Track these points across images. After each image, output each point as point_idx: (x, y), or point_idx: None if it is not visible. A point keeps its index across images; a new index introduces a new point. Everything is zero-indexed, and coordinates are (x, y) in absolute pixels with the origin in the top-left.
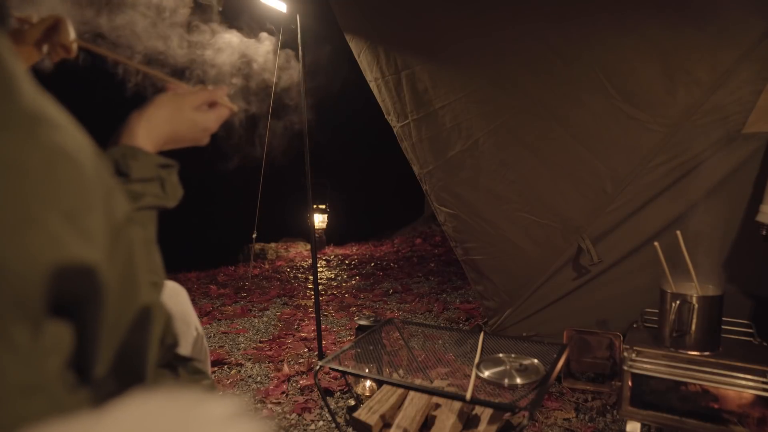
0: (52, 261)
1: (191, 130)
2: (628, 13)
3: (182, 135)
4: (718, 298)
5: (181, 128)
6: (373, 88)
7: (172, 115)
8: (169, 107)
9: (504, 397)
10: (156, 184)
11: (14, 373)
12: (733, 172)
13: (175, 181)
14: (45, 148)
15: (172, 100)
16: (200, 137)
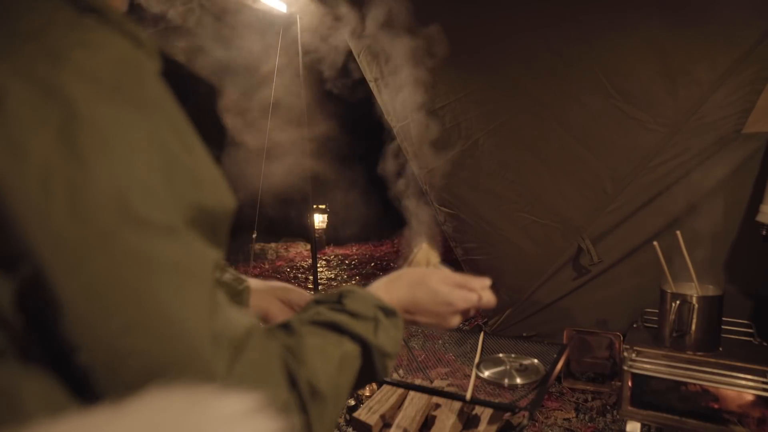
0: (232, 206)
1: (433, 301)
2: (628, 13)
3: (423, 305)
4: (718, 298)
5: (422, 297)
6: (373, 88)
7: (415, 281)
8: (415, 274)
9: (504, 397)
10: (370, 323)
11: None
12: (733, 172)
13: (393, 333)
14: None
15: (421, 270)
16: (443, 312)
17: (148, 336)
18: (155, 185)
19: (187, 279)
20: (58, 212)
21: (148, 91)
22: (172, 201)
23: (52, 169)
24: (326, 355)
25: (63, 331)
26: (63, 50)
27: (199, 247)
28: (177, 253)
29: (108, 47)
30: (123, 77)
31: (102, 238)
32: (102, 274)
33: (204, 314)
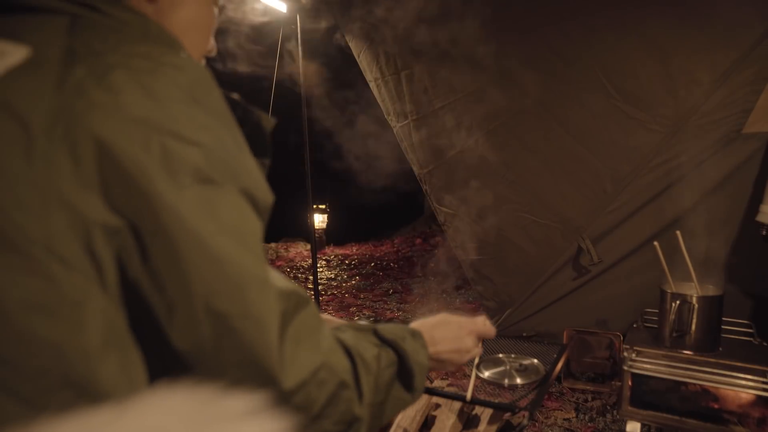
0: (271, 202)
1: (446, 328)
2: (629, 13)
3: (441, 332)
4: (718, 298)
5: (439, 327)
6: (373, 88)
7: (451, 333)
8: (452, 326)
9: (504, 397)
10: (399, 336)
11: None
12: (733, 172)
13: (420, 348)
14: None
15: (455, 321)
16: (458, 359)
17: (222, 273)
18: (218, 163)
19: (250, 233)
20: (157, 171)
21: (214, 103)
22: (229, 178)
23: (151, 138)
24: (366, 344)
25: (153, 270)
26: (161, 67)
27: (253, 215)
28: (239, 210)
29: (190, 69)
30: (198, 91)
31: (186, 189)
32: (186, 215)
33: (266, 266)
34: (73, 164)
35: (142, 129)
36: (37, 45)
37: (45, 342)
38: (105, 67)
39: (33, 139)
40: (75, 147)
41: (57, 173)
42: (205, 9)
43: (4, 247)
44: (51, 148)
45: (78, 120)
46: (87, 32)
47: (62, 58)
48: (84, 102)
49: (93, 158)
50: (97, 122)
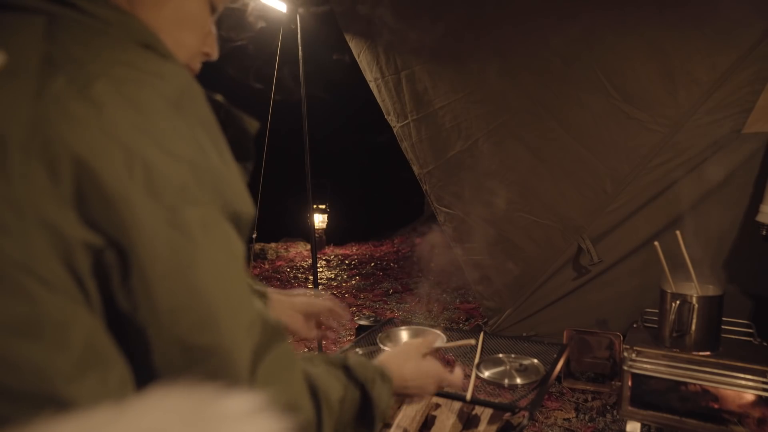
0: (252, 214)
1: (417, 377)
2: (628, 13)
3: (409, 383)
4: (718, 298)
5: (410, 369)
6: (373, 88)
7: (420, 376)
8: (404, 351)
9: (504, 397)
10: (369, 377)
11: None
12: (733, 172)
13: (386, 394)
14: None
15: (427, 367)
16: (426, 385)
17: (194, 301)
18: (203, 179)
19: (231, 259)
20: (138, 191)
21: (199, 113)
22: (212, 195)
23: (133, 155)
24: (334, 384)
25: (128, 290)
26: (144, 76)
27: (235, 236)
28: (221, 233)
29: (174, 78)
30: (184, 101)
31: (168, 211)
32: (164, 241)
33: (244, 296)
34: (51, 181)
35: (123, 145)
36: (12, 50)
37: (27, 363)
38: (85, 77)
39: (9, 154)
40: (53, 163)
41: (35, 190)
42: (195, 5)
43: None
44: (28, 164)
45: (56, 134)
46: (65, 35)
47: (39, 66)
48: (63, 115)
49: (72, 175)
50: (77, 137)
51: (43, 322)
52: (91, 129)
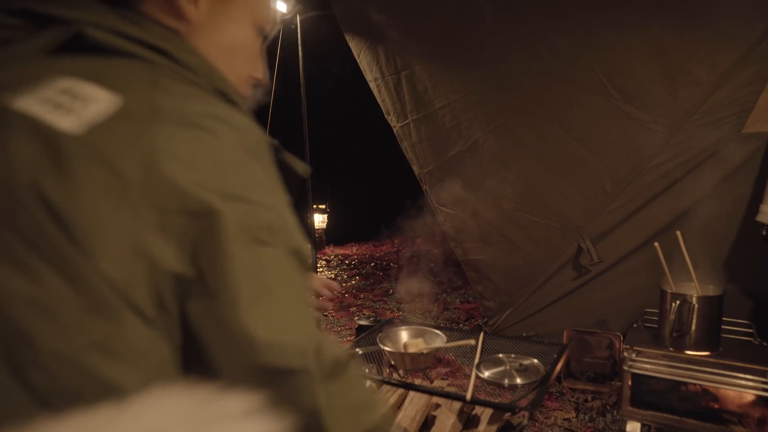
0: (309, 248)
1: None
2: (628, 13)
3: None
4: (718, 298)
5: None
6: (373, 88)
7: None
8: None
9: (504, 397)
10: None
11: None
12: (733, 172)
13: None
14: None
15: None
16: None
17: (275, 330)
18: (278, 221)
19: (302, 291)
20: (232, 231)
21: (268, 161)
22: (284, 235)
23: (230, 199)
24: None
25: (211, 318)
26: (229, 129)
27: (303, 276)
28: (293, 269)
29: (251, 128)
30: (259, 151)
31: (254, 250)
32: (249, 277)
33: (313, 326)
34: (159, 217)
35: (220, 190)
36: (124, 94)
37: (103, 377)
38: (185, 127)
39: (127, 190)
40: (162, 201)
41: (144, 224)
42: (245, 33)
43: (83, 290)
44: (140, 200)
45: (166, 176)
46: (167, 84)
47: (149, 112)
48: (172, 159)
49: (175, 213)
50: (184, 179)
51: (127, 345)
52: (194, 172)
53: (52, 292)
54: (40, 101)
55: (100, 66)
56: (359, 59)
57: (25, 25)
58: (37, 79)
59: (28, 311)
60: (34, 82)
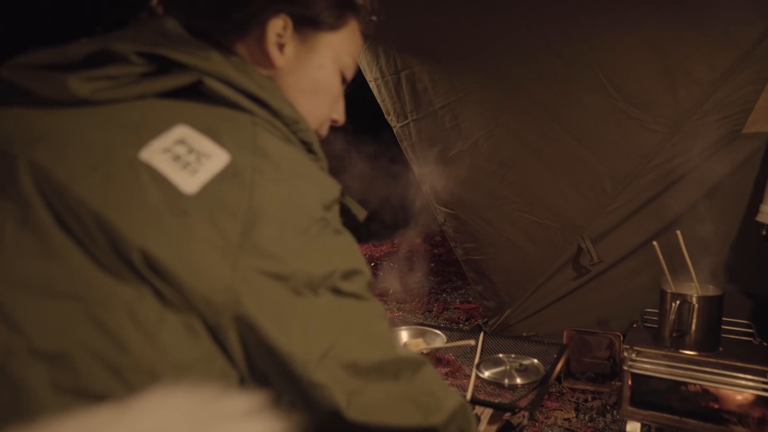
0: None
1: None
2: (628, 13)
3: None
4: (718, 298)
5: None
6: (373, 88)
7: None
8: None
9: (504, 397)
10: None
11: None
12: (733, 172)
13: None
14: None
15: None
16: None
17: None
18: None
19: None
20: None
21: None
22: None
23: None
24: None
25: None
26: (312, 185)
27: (386, 327)
28: (380, 323)
29: (329, 185)
30: (332, 204)
31: (296, 295)
32: (290, 308)
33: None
34: (247, 271)
35: (292, 250)
36: (233, 152)
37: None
38: (275, 186)
39: (229, 241)
40: (253, 250)
41: (235, 269)
42: (328, 78)
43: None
44: (239, 252)
45: (258, 240)
46: (265, 140)
47: (250, 169)
48: (263, 221)
49: (260, 272)
50: (271, 246)
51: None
52: (283, 238)
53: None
54: (161, 150)
55: (211, 116)
56: (359, 59)
57: (146, 65)
58: (156, 124)
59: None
60: (153, 128)
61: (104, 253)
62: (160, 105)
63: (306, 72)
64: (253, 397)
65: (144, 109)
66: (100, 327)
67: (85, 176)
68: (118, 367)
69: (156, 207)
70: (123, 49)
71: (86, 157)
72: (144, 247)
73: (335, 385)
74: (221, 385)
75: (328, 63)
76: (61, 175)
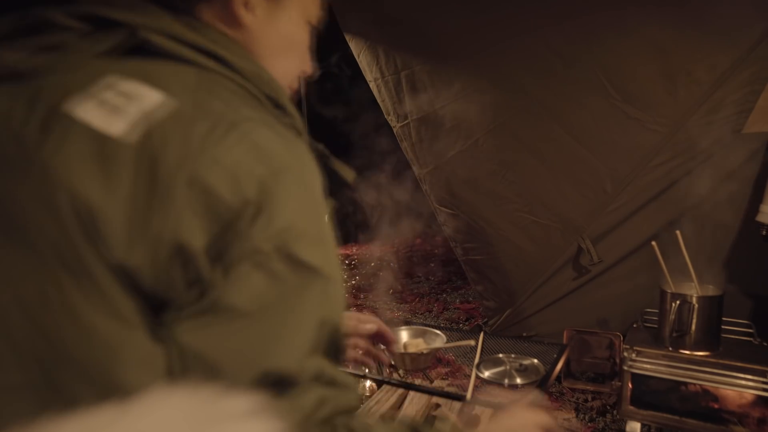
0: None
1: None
2: (629, 13)
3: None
4: (718, 298)
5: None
6: (373, 89)
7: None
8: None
9: (504, 397)
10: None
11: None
12: (733, 172)
13: None
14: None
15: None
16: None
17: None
18: (317, 245)
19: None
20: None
21: (316, 179)
22: (329, 267)
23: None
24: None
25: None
26: (266, 131)
27: (340, 301)
28: (329, 295)
29: (297, 147)
30: (301, 166)
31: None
32: (267, 279)
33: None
34: (190, 213)
35: (255, 201)
36: (171, 95)
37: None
38: (223, 130)
39: (160, 185)
40: (191, 191)
41: (173, 220)
42: (298, 32)
43: (80, 277)
44: (174, 197)
45: (204, 183)
46: (212, 88)
47: (191, 112)
48: (205, 158)
49: (212, 218)
50: (214, 176)
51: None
52: (233, 182)
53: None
54: (98, 104)
55: (152, 67)
56: (359, 59)
57: (82, 27)
58: (96, 83)
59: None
60: (94, 86)
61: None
62: (102, 64)
63: (278, 29)
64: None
65: (86, 71)
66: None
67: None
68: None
69: (84, 153)
70: (53, 15)
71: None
72: (72, 189)
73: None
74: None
75: (297, 15)
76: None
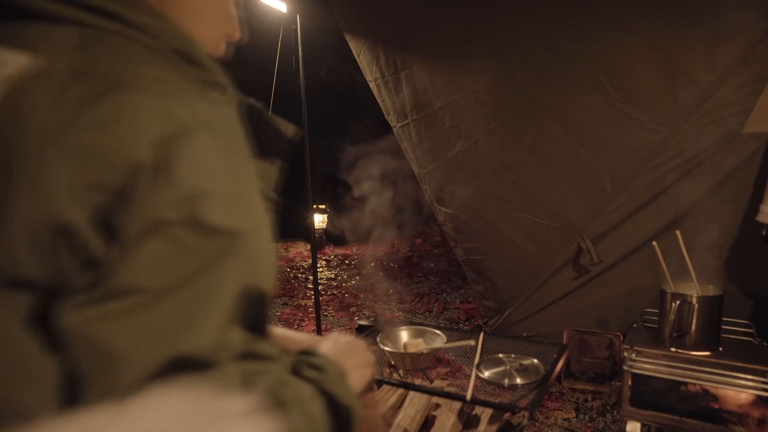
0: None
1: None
2: (628, 13)
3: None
4: (718, 298)
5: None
6: (373, 89)
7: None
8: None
9: (504, 397)
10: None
11: None
12: (733, 172)
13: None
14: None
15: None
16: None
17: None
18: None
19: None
20: (155, 195)
21: (233, 138)
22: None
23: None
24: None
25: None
26: (191, 100)
27: (253, 273)
28: (243, 266)
29: (207, 104)
30: (212, 124)
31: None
32: (163, 247)
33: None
34: (66, 187)
35: (147, 151)
36: (42, 57)
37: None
38: (104, 88)
39: (24, 161)
40: (69, 165)
41: (45, 198)
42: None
43: None
44: (42, 171)
45: (71, 139)
46: (96, 47)
47: (65, 74)
48: (81, 121)
49: (84, 176)
50: (93, 142)
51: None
52: (114, 140)
53: None
54: None
55: (23, 31)
56: (359, 59)
57: None
58: None
59: None
60: None
61: None
62: None
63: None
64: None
65: None
66: None
67: None
68: None
69: None
70: None
71: None
72: None
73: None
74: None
75: None
76: None
